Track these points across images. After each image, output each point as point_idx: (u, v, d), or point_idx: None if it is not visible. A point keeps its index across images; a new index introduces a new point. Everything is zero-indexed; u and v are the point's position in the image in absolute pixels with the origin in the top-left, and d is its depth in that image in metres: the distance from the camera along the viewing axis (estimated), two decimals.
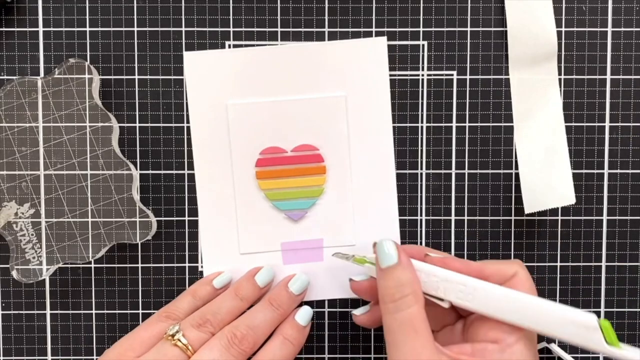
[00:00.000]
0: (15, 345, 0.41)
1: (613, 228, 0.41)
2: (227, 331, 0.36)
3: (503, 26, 0.40)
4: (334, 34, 0.40)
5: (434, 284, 0.34)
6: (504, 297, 0.33)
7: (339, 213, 0.40)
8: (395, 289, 0.33)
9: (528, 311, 0.32)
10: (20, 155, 0.39)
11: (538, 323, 0.32)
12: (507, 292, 0.33)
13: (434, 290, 0.34)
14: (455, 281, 0.34)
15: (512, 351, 0.32)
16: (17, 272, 0.39)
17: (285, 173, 0.40)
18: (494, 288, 0.33)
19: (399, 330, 0.32)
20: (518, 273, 0.34)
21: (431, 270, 0.34)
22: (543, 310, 0.32)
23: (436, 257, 0.35)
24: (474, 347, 0.33)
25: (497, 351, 0.32)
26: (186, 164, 0.40)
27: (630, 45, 0.40)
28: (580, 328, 0.31)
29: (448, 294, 0.34)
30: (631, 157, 0.41)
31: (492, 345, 0.33)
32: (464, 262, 0.35)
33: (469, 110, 0.40)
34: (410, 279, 0.33)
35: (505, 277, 0.34)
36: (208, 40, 0.40)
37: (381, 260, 0.34)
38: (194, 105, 0.40)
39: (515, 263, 0.35)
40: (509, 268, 0.35)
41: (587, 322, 0.31)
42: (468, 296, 0.33)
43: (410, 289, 0.33)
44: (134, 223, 0.39)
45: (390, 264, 0.34)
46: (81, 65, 0.38)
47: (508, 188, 0.41)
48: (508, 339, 0.33)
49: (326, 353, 0.41)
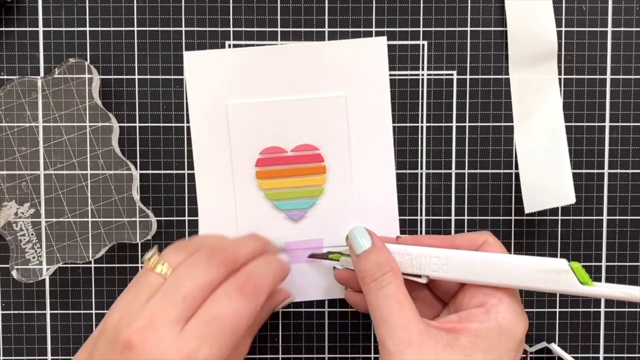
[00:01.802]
0: (15, 345, 0.41)
1: (613, 228, 0.41)
2: (207, 247, 0.33)
3: (503, 26, 0.40)
4: (334, 34, 0.40)
5: (408, 262, 0.35)
6: (476, 260, 0.34)
7: (339, 213, 0.40)
8: (375, 269, 0.34)
9: (501, 269, 0.33)
10: (20, 155, 0.39)
11: (513, 278, 0.33)
12: (478, 255, 0.34)
13: (409, 268, 0.35)
14: (428, 255, 0.35)
15: (497, 310, 0.33)
16: (17, 272, 0.39)
17: (285, 173, 0.40)
18: (465, 254, 0.34)
19: (384, 305, 0.33)
20: (488, 240, 0.35)
21: (404, 249, 0.35)
22: (515, 265, 0.33)
23: (407, 237, 0.37)
24: (460, 316, 0.33)
25: (482, 313, 0.33)
26: (186, 164, 0.40)
27: (630, 45, 0.40)
28: (553, 273, 0.32)
29: (424, 268, 0.35)
30: (631, 157, 0.41)
31: (477, 309, 0.33)
32: (434, 237, 0.37)
33: (469, 110, 0.40)
34: (387, 258, 0.34)
35: (475, 246, 0.35)
36: (208, 40, 0.40)
37: (356, 248, 0.35)
38: (194, 105, 0.40)
39: (485, 233, 0.36)
40: (478, 237, 0.36)
41: (558, 267, 0.33)
42: (443, 267, 0.34)
43: (389, 267, 0.34)
44: (134, 223, 0.39)
45: (364, 249, 0.35)
46: (81, 65, 0.38)
47: (508, 188, 0.41)
48: (491, 300, 0.33)
49: (326, 353, 0.41)
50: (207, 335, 0.30)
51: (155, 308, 0.30)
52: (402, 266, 0.35)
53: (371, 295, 0.34)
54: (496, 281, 0.33)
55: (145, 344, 0.29)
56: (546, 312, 0.41)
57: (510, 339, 0.32)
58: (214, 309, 0.30)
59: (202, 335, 0.29)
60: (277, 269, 0.35)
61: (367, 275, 0.34)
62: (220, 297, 0.31)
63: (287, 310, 0.41)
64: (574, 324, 0.41)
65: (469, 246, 0.35)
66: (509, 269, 0.33)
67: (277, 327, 0.41)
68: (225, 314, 0.30)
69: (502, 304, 0.33)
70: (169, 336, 0.29)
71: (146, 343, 0.29)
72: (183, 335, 0.29)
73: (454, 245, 0.36)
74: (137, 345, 0.29)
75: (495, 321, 0.32)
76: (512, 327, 0.32)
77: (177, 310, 0.30)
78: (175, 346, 0.29)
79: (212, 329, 0.30)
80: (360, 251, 0.35)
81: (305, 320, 0.41)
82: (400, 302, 0.33)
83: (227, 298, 0.31)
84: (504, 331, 0.32)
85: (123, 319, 0.30)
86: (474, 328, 0.32)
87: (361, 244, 0.35)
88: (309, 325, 0.41)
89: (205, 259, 0.32)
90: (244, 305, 0.31)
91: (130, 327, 0.29)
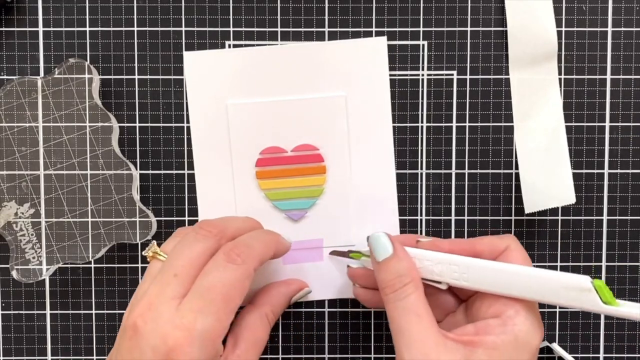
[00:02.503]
0: (15, 345, 0.41)
1: (613, 228, 0.41)
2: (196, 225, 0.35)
3: (503, 26, 0.40)
4: (334, 34, 0.40)
5: (428, 268, 0.35)
6: (496, 271, 0.33)
7: (339, 213, 0.40)
8: (395, 280, 0.34)
9: (522, 281, 0.33)
10: (20, 155, 0.39)
11: (534, 292, 0.33)
12: (499, 265, 0.34)
13: (429, 274, 0.35)
14: (447, 262, 0.34)
15: (514, 322, 0.32)
16: (17, 272, 0.39)
17: (285, 173, 0.40)
18: (485, 263, 0.34)
19: (402, 317, 0.33)
20: (510, 246, 0.35)
21: (424, 255, 0.35)
22: (536, 279, 0.33)
23: (427, 242, 0.36)
24: (476, 326, 0.33)
25: (499, 325, 0.33)
26: (186, 164, 0.40)
27: (630, 45, 0.40)
28: (575, 291, 0.32)
29: (444, 275, 0.34)
30: (631, 157, 0.41)
31: (494, 320, 0.33)
32: (454, 241, 0.36)
33: (469, 110, 0.40)
34: (407, 267, 0.34)
35: (497, 252, 0.35)
36: (208, 40, 0.40)
37: (377, 254, 0.35)
38: (194, 105, 0.40)
39: (508, 237, 0.36)
40: (500, 242, 0.35)
41: (581, 285, 0.32)
42: (463, 275, 0.34)
43: (409, 278, 0.33)
44: (134, 223, 0.39)
45: (386, 257, 0.34)
46: (81, 65, 0.38)
47: (508, 188, 0.41)
48: (508, 311, 0.33)
49: (326, 353, 0.41)
50: (201, 307, 0.31)
51: (152, 291, 0.32)
52: (422, 271, 0.35)
53: (390, 306, 0.33)
54: (516, 294, 0.33)
55: (146, 324, 0.31)
56: (547, 312, 0.41)
57: (527, 351, 0.32)
58: (205, 282, 0.32)
59: (197, 308, 0.31)
60: (268, 240, 0.36)
61: (387, 286, 0.34)
62: (210, 269, 0.33)
63: (287, 310, 0.41)
64: (574, 324, 0.41)
65: (490, 252, 0.35)
66: (530, 282, 0.32)
67: (277, 327, 0.41)
68: (216, 284, 0.32)
69: (519, 315, 0.33)
70: (166, 313, 0.31)
71: (147, 323, 0.31)
72: (179, 310, 0.31)
73: (475, 250, 0.35)
74: (140, 326, 0.31)
75: (512, 334, 0.32)
76: (529, 339, 0.32)
77: (171, 288, 0.32)
78: (173, 321, 0.30)
79: (205, 300, 0.31)
80: (381, 258, 0.34)
81: (305, 320, 0.41)
82: (419, 314, 0.32)
83: (216, 268, 0.32)
84: (520, 344, 0.32)
85: (130, 308, 0.32)
86: (491, 341, 0.32)
87: (382, 250, 0.34)
88: (309, 325, 0.41)
89: (193, 235, 0.34)
90: (232, 272, 0.32)
91: (133, 312, 0.31)
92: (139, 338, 0.31)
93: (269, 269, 0.41)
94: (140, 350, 0.30)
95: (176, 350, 0.30)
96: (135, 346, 0.31)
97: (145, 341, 0.30)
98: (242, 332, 0.36)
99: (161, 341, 0.30)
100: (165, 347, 0.30)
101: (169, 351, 0.30)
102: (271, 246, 0.35)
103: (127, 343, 0.31)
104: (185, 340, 0.30)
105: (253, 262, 0.33)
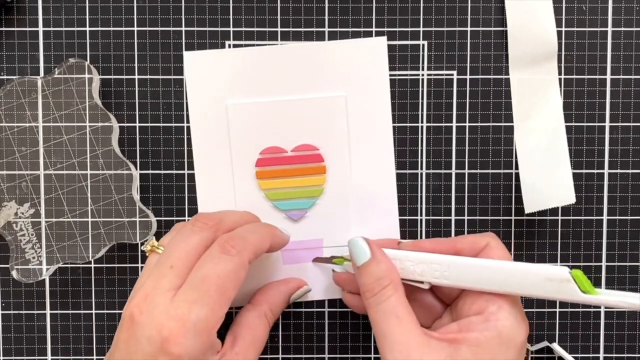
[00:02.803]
0: (15, 345, 0.41)
1: (613, 228, 0.41)
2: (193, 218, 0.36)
3: (503, 26, 0.40)
4: (334, 34, 0.40)
5: (410, 269, 0.35)
6: (476, 267, 0.33)
7: (339, 213, 0.40)
8: (374, 283, 0.34)
9: (502, 276, 0.33)
10: (20, 155, 0.39)
11: (514, 286, 0.33)
12: (478, 262, 0.34)
13: (411, 275, 0.35)
14: (429, 261, 0.34)
15: (497, 318, 0.32)
16: (17, 272, 0.39)
17: (285, 173, 0.40)
18: (465, 260, 0.34)
19: (384, 320, 0.33)
20: (490, 243, 0.35)
21: (405, 255, 0.35)
22: (516, 273, 0.33)
23: (408, 242, 0.37)
24: (460, 324, 0.33)
25: (481, 321, 0.33)
26: (186, 164, 0.40)
27: (630, 45, 0.40)
28: (555, 282, 0.32)
29: (425, 275, 0.35)
30: (631, 157, 0.41)
31: (477, 317, 0.33)
32: (436, 240, 0.36)
33: (469, 110, 0.40)
34: (386, 270, 0.34)
35: (478, 249, 0.35)
36: (208, 40, 0.40)
37: (356, 259, 0.35)
38: (194, 105, 0.40)
39: (487, 234, 0.36)
40: (481, 239, 0.35)
41: (560, 276, 0.32)
42: (444, 273, 0.34)
43: (388, 280, 0.33)
44: (134, 223, 0.39)
45: (364, 261, 0.34)
46: (81, 65, 0.38)
47: (508, 188, 0.41)
48: (490, 307, 0.33)
49: (326, 353, 0.41)
50: (195, 298, 0.31)
51: (149, 282, 0.33)
52: (404, 272, 0.35)
53: (371, 310, 0.33)
54: (497, 288, 0.33)
55: (142, 314, 0.31)
56: (546, 312, 0.41)
57: (511, 347, 0.32)
58: (199, 273, 0.32)
59: (191, 299, 0.31)
60: (264, 232, 0.36)
61: (368, 290, 0.34)
62: (204, 260, 0.33)
63: (287, 310, 0.41)
64: (574, 324, 0.41)
65: (470, 249, 0.35)
66: (509, 276, 0.33)
67: (277, 327, 0.41)
68: (210, 275, 0.32)
69: (502, 310, 0.33)
70: (161, 304, 0.31)
71: (143, 313, 0.31)
72: (174, 301, 0.31)
73: (456, 249, 0.35)
74: (137, 317, 0.31)
75: (495, 329, 0.32)
76: (513, 335, 0.32)
77: (167, 279, 0.32)
78: (167, 312, 0.31)
79: (199, 291, 0.32)
80: (360, 263, 0.34)
81: (305, 320, 0.41)
82: (399, 316, 0.32)
83: (211, 259, 0.33)
84: (504, 339, 0.32)
85: (128, 300, 0.33)
86: (474, 337, 0.32)
87: (361, 255, 0.35)
88: (309, 325, 0.41)
89: (189, 228, 0.35)
90: (226, 264, 0.32)
91: (130, 303, 0.32)
92: (135, 329, 0.31)
93: (269, 268, 0.41)
94: (136, 341, 0.31)
95: (170, 341, 0.30)
96: (132, 336, 0.31)
97: (141, 331, 0.31)
98: (241, 330, 0.36)
99: (156, 331, 0.31)
100: (160, 337, 0.30)
101: (164, 341, 0.30)
102: (267, 238, 0.36)
103: (124, 334, 0.32)
104: (180, 331, 0.30)
105: (248, 253, 0.33)
